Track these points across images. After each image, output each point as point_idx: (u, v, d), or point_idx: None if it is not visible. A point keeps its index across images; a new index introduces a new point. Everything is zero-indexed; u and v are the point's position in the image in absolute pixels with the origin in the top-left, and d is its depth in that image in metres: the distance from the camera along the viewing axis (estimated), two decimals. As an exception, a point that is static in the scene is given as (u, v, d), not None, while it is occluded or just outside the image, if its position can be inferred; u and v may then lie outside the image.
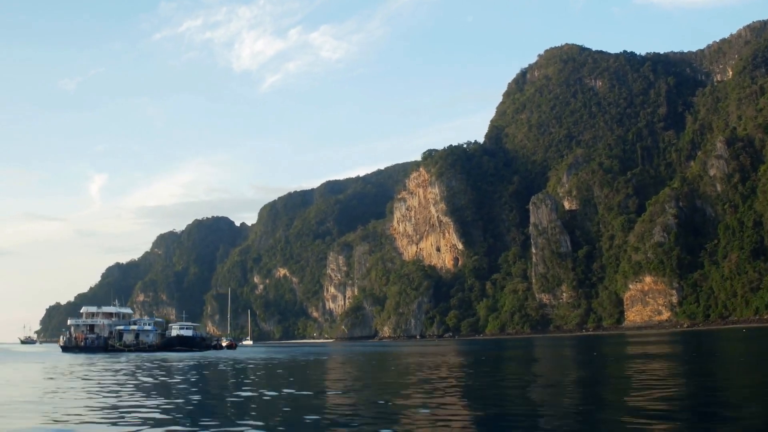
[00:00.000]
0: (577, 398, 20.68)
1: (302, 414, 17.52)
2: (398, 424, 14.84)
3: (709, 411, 16.49)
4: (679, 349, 55.98)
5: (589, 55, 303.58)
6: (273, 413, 17.90)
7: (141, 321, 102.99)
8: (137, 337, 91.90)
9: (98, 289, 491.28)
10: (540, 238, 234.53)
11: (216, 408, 19.08)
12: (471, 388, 24.90)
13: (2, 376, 37.16)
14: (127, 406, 18.93)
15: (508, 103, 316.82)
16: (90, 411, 17.93)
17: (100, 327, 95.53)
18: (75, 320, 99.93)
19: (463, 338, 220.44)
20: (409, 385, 25.61)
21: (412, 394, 22.06)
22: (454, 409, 17.88)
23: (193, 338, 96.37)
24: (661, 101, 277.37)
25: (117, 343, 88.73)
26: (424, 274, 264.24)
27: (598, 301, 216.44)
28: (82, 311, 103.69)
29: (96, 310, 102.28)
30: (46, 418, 16.83)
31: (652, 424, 13.88)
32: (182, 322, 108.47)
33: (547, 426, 14.67)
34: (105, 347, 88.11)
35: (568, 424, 14.84)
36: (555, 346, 78.27)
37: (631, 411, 16.02)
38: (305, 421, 16.03)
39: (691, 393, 21.00)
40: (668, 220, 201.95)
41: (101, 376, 33.46)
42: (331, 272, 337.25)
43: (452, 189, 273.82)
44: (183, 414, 17.76)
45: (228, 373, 37.40)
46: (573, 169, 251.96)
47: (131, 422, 15.54)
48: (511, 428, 14.46)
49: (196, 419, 16.56)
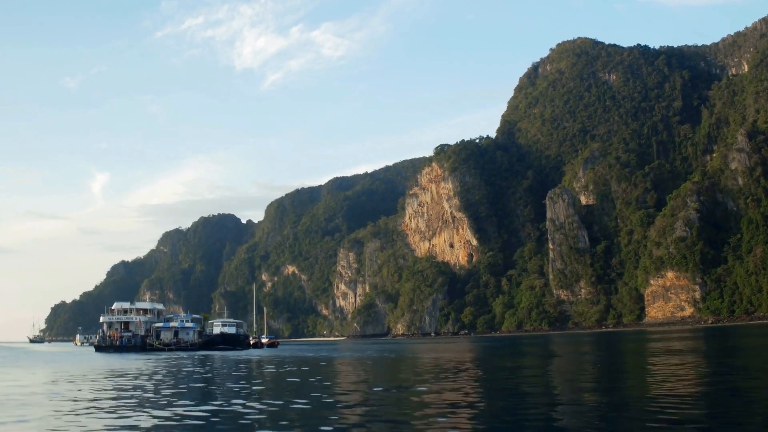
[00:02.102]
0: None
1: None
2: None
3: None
4: (719, 345, 53.35)
5: (603, 48, 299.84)
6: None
7: (177, 317, 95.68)
8: (176, 335, 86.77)
9: (104, 288, 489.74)
10: (557, 234, 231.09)
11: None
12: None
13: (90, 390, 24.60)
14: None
15: (520, 98, 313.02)
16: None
17: (135, 324, 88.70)
18: (108, 317, 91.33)
19: (479, 335, 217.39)
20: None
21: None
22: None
23: (236, 336, 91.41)
24: (676, 95, 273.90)
25: (156, 342, 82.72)
26: (438, 271, 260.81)
27: (617, 297, 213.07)
28: (114, 307, 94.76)
29: (129, 306, 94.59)
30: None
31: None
32: (224, 319, 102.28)
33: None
34: (143, 346, 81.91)
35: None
36: (604, 344, 75.05)
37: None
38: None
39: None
40: (690, 214, 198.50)
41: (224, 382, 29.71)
42: (341, 269, 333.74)
43: (466, 184, 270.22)
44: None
45: (338, 372, 34.43)
46: (589, 163, 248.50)
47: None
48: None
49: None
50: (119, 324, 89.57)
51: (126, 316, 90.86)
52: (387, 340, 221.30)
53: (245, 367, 41.29)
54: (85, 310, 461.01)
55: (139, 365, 43.60)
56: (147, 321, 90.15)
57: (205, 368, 39.28)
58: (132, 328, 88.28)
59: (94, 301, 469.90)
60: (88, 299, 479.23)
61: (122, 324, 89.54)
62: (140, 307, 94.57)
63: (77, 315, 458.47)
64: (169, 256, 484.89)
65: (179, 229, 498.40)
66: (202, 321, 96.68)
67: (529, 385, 23.61)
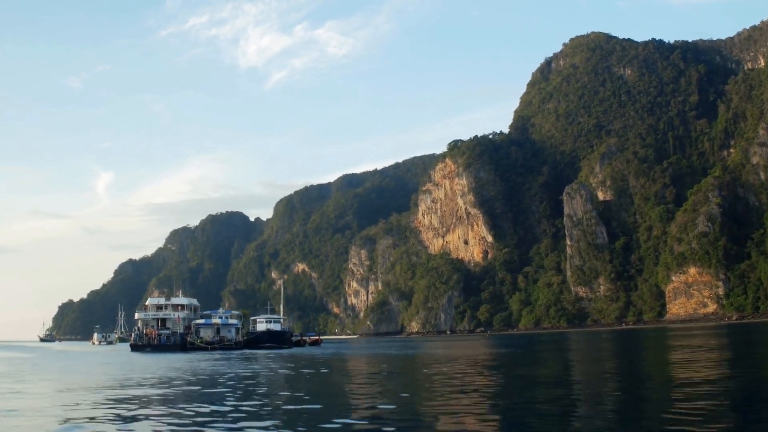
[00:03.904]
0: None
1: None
2: None
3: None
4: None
5: (617, 43, 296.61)
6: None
7: (215, 313, 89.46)
8: (217, 333, 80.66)
9: (111, 286, 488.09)
10: (575, 230, 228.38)
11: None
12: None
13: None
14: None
15: (533, 93, 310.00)
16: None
17: (174, 321, 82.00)
18: (144, 314, 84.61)
19: (495, 333, 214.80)
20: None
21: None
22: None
23: (283, 333, 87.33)
24: (692, 89, 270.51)
25: (198, 340, 76.20)
26: (453, 268, 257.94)
27: (637, 293, 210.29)
28: (148, 303, 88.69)
29: (164, 302, 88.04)
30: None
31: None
32: (267, 315, 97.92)
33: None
34: (182, 345, 75.24)
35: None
36: (655, 341, 72.40)
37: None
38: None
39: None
40: (712, 209, 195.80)
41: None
42: (352, 267, 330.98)
43: (480, 180, 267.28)
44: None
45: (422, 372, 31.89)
46: (606, 158, 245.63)
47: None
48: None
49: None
50: (155, 321, 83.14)
51: (163, 312, 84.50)
52: (403, 338, 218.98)
53: (341, 367, 36.86)
54: (92, 308, 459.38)
55: (202, 366, 38.79)
56: (186, 318, 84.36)
57: (303, 371, 33.55)
58: (170, 325, 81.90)
59: (101, 299, 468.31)
60: (96, 298, 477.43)
61: (159, 321, 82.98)
62: (177, 303, 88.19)
63: (85, 314, 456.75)
64: (177, 254, 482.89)
65: (187, 227, 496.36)
66: (241, 317, 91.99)
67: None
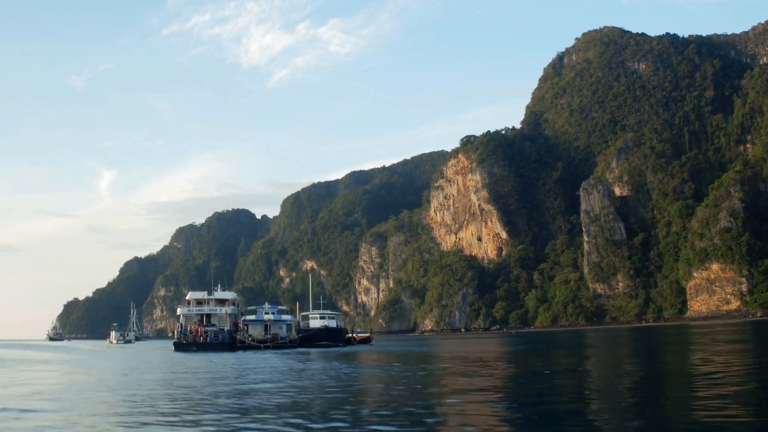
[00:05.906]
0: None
1: None
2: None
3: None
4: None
5: (631, 37, 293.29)
6: None
7: (261, 308, 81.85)
8: (267, 330, 74.48)
9: (117, 284, 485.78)
10: (592, 226, 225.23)
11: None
12: None
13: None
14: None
15: (545, 88, 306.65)
16: None
17: (220, 317, 75.86)
18: (187, 309, 77.25)
19: (512, 330, 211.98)
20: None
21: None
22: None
23: (340, 331, 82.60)
24: (708, 84, 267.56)
25: (248, 338, 70.77)
26: (467, 265, 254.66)
27: (657, 290, 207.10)
28: (188, 298, 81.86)
29: (206, 296, 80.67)
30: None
31: None
32: (321, 311, 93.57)
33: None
34: (231, 344, 69.75)
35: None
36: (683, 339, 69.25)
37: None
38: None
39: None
40: (735, 204, 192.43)
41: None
42: (363, 264, 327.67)
43: (494, 176, 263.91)
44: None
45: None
46: (623, 153, 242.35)
47: None
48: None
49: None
50: (199, 317, 75.93)
51: (208, 307, 77.84)
52: (416, 336, 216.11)
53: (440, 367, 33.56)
54: (98, 307, 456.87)
55: (297, 367, 34.67)
56: (232, 314, 78.33)
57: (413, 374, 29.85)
58: (215, 321, 75.34)
59: (107, 297, 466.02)
60: (101, 296, 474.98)
61: (203, 317, 76.01)
62: (219, 297, 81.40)
63: (91, 312, 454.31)
64: (183, 252, 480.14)
65: (193, 225, 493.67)
66: (288, 312, 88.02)
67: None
